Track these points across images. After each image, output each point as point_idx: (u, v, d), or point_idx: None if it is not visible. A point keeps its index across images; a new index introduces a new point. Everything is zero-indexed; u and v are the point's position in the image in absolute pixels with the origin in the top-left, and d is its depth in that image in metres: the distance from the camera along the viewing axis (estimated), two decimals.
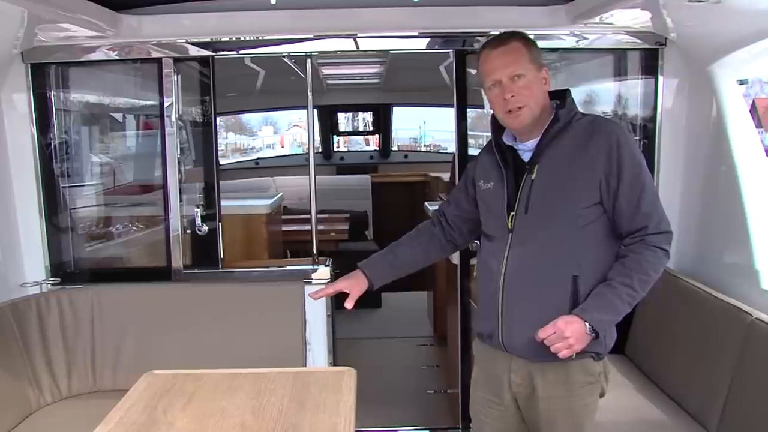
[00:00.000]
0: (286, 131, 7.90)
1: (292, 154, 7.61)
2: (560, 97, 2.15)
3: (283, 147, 7.84)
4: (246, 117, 7.79)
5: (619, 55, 3.53)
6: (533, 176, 2.08)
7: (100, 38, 3.25)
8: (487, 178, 2.23)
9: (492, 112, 2.18)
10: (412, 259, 2.40)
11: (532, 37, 2.15)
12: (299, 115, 7.40)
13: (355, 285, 2.33)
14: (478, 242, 2.36)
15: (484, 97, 2.23)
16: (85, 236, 3.69)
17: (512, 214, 2.12)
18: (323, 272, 3.49)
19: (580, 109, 2.18)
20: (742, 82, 3.16)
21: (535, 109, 2.08)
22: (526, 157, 2.13)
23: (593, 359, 2.11)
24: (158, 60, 3.38)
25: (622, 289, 1.99)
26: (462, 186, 2.40)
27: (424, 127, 8.01)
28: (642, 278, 2.00)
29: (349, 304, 2.30)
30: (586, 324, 1.97)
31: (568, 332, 1.94)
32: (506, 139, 2.18)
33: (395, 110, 7.60)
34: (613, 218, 2.06)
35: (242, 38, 3.40)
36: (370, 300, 5.88)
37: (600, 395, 2.18)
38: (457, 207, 2.38)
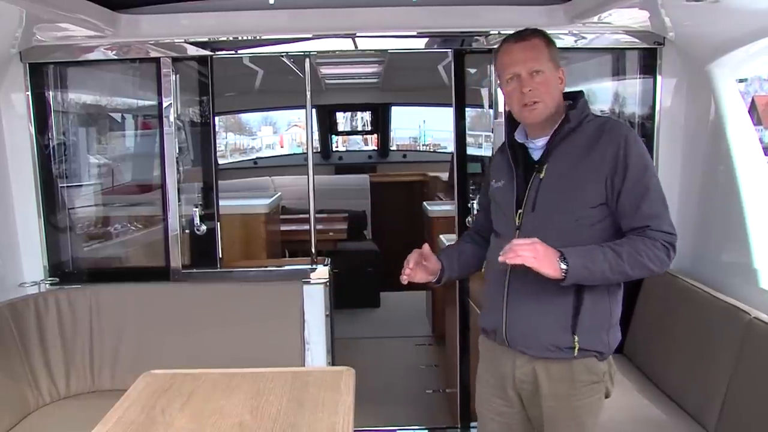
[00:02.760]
0: (286, 131, 7.90)
1: (291, 154, 7.62)
2: (573, 98, 2.16)
3: (282, 147, 7.85)
4: (246, 117, 7.80)
5: (618, 54, 3.53)
6: (542, 175, 2.11)
7: (98, 38, 3.25)
8: (498, 177, 2.27)
9: (508, 108, 2.20)
10: (472, 258, 2.41)
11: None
12: (298, 115, 7.40)
13: (432, 265, 2.28)
14: None
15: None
16: (83, 236, 3.68)
17: (519, 211, 2.14)
18: (322, 272, 3.49)
19: None
20: (741, 80, 3.16)
21: (550, 105, 2.11)
22: (536, 155, 2.16)
23: (596, 358, 2.11)
24: (156, 60, 3.38)
25: (608, 251, 1.98)
26: (483, 191, 2.44)
27: (424, 127, 8.01)
28: (632, 254, 1.98)
29: (409, 272, 2.23)
30: (561, 255, 1.94)
31: (539, 247, 1.93)
32: (518, 137, 2.21)
33: (394, 110, 7.61)
34: (618, 218, 2.06)
35: (240, 38, 3.40)
36: (368, 300, 5.91)
37: (606, 396, 2.18)
38: (486, 213, 2.39)
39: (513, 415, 2.24)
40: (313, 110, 3.70)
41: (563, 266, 1.94)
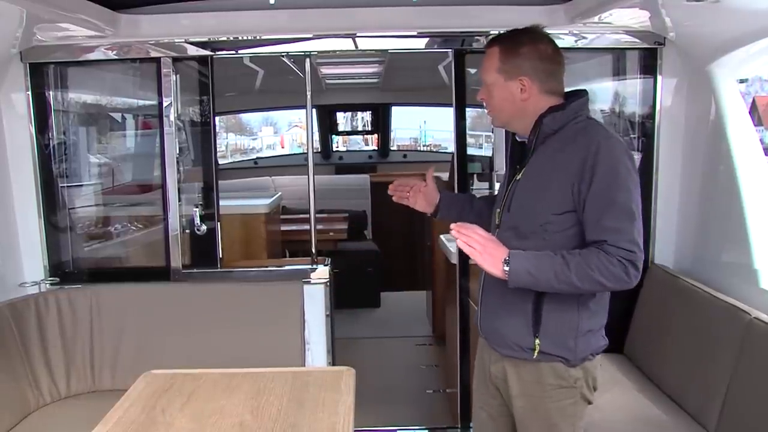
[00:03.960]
0: (287, 131, 7.90)
1: (291, 154, 7.62)
2: (575, 96, 2.11)
3: (283, 147, 7.85)
4: (246, 117, 7.79)
5: (618, 54, 3.53)
6: (518, 177, 2.11)
7: (98, 38, 3.25)
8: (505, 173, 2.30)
9: None
10: (472, 208, 2.44)
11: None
12: (299, 116, 7.40)
13: (431, 194, 2.41)
14: None
15: None
16: (83, 236, 3.68)
17: (498, 210, 2.18)
18: (322, 272, 3.49)
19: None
20: (741, 81, 3.16)
21: (500, 115, 2.15)
22: None
23: (563, 363, 2.08)
24: (157, 60, 3.38)
25: (558, 259, 1.93)
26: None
27: (425, 127, 8.01)
28: (582, 266, 1.91)
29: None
30: (507, 255, 1.93)
31: (489, 244, 1.94)
32: (518, 136, 2.21)
33: (394, 110, 7.60)
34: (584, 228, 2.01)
35: (241, 38, 3.40)
36: (368, 300, 5.91)
37: (588, 402, 2.15)
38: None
39: (496, 406, 2.27)
40: (314, 110, 3.70)
41: (506, 268, 1.93)
